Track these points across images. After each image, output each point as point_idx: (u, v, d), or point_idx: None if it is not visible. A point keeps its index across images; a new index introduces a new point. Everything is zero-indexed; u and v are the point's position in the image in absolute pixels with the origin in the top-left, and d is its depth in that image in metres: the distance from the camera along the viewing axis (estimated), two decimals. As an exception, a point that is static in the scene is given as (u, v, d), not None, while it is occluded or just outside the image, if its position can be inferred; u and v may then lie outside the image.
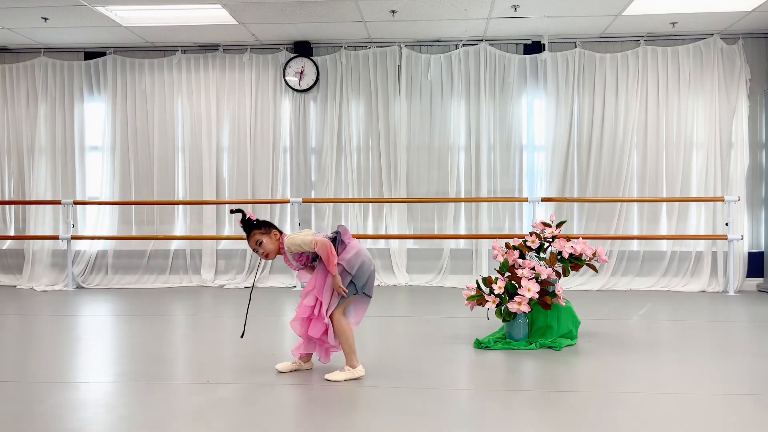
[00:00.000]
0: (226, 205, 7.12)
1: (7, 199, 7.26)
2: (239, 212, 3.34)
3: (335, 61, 6.98)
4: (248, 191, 7.07)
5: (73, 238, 6.85)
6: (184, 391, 3.10)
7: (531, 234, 4.17)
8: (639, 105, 6.75)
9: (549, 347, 3.92)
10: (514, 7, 5.90)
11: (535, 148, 6.95)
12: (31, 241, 7.11)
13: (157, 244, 7.13)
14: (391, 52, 6.95)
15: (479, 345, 3.96)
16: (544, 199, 6.59)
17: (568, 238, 4.21)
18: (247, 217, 3.32)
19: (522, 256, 4.10)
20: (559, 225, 4.22)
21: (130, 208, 7.21)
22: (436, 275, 6.94)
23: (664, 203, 6.74)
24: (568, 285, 6.42)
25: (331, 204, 6.98)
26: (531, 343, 3.94)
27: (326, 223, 7.01)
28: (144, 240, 7.05)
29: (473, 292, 4.06)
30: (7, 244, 7.30)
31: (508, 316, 3.96)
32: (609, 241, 6.71)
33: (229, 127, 7.13)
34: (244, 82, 7.08)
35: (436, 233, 6.98)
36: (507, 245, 4.18)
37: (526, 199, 6.63)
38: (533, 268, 3.94)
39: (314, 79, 6.92)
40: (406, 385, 3.16)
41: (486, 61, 6.85)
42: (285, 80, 6.98)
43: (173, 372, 3.52)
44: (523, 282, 3.88)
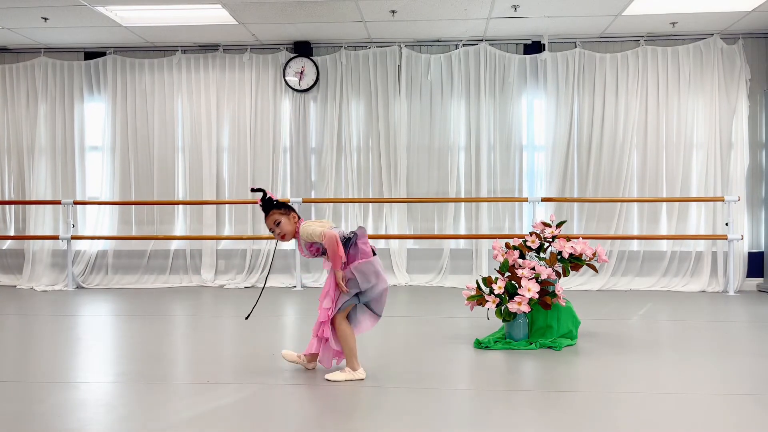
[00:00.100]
0: (226, 205, 7.13)
1: (7, 199, 7.26)
2: (260, 191, 3.31)
3: (335, 61, 6.98)
4: (248, 191, 7.06)
5: (73, 238, 6.85)
6: (183, 391, 3.10)
7: (531, 234, 4.17)
8: (639, 105, 6.75)
9: (549, 347, 3.92)
10: (514, 7, 5.90)
11: (535, 148, 6.95)
12: (31, 241, 7.11)
13: (157, 244, 7.13)
14: (391, 52, 6.95)
15: (479, 345, 3.96)
16: (544, 199, 6.59)
17: (568, 238, 4.21)
18: (268, 197, 3.30)
19: (522, 256, 4.10)
20: (559, 225, 4.22)
21: (130, 208, 7.21)
22: (436, 275, 6.94)
23: (664, 203, 6.74)
24: (568, 285, 6.42)
25: (331, 204, 6.98)
26: (531, 343, 3.94)
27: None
28: (144, 240, 7.05)
29: (473, 292, 4.06)
30: (7, 244, 7.30)
31: (508, 316, 3.96)
32: (609, 241, 6.71)
33: (229, 127, 7.13)
34: (244, 82, 7.08)
35: (436, 233, 6.98)
36: (507, 245, 4.18)
37: (526, 199, 6.63)
38: (533, 268, 3.94)
39: (314, 79, 6.92)
40: (406, 385, 3.16)
41: (486, 61, 6.85)
42: (285, 80, 6.98)
43: (173, 372, 3.52)
44: (523, 282, 3.88)
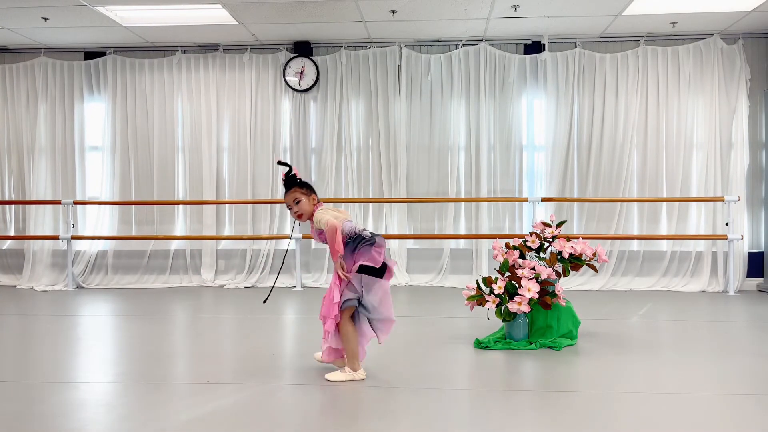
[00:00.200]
0: (226, 205, 7.13)
1: (7, 199, 7.26)
2: (286, 165, 3.28)
3: (335, 61, 6.98)
4: (248, 191, 7.07)
5: (73, 238, 6.85)
6: (183, 391, 3.10)
7: (531, 234, 4.17)
8: (639, 105, 6.75)
9: (549, 347, 3.92)
10: (514, 7, 5.90)
11: (535, 148, 6.95)
12: (31, 241, 7.11)
13: (157, 244, 7.13)
14: (391, 52, 6.95)
15: (479, 345, 3.96)
16: (544, 199, 6.59)
17: (568, 238, 4.21)
18: (293, 173, 3.27)
19: (522, 256, 4.10)
20: (559, 225, 4.22)
21: (130, 208, 7.21)
22: (436, 275, 6.94)
23: (664, 203, 6.74)
24: (568, 285, 6.42)
25: (331, 204, 6.94)
26: (531, 343, 3.94)
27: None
28: (144, 240, 7.05)
29: (473, 292, 4.06)
30: (7, 244, 7.30)
31: (508, 316, 3.96)
32: (609, 241, 6.71)
33: (229, 127, 7.13)
34: (244, 82, 7.08)
35: (436, 233, 6.98)
36: (507, 245, 4.18)
37: (526, 199, 6.64)
38: (533, 268, 3.94)
39: (314, 79, 6.92)
40: (406, 385, 3.16)
41: (486, 61, 6.85)
42: (285, 80, 6.98)
43: (173, 372, 3.52)
44: (523, 282, 3.88)
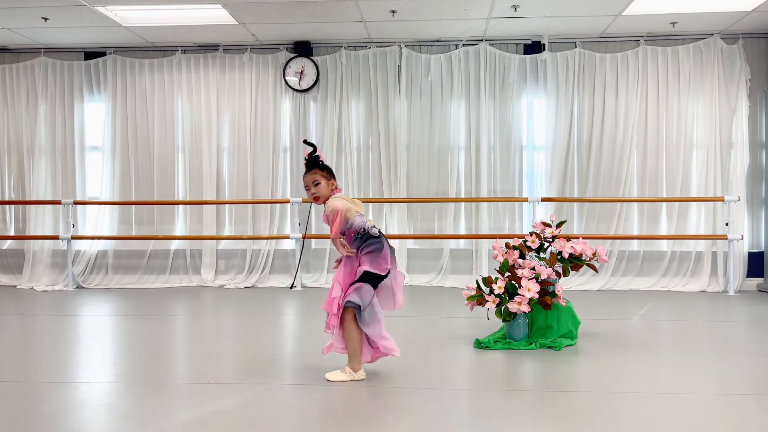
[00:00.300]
0: (226, 206, 7.13)
1: (7, 199, 7.26)
2: (311, 145, 3.27)
3: (335, 61, 6.99)
4: (248, 191, 7.07)
5: (73, 238, 6.85)
6: (183, 391, 3.10)
7: (531, 234, 4.17)
8: (639, 105, 6.75)
9: (549, 347, 3.92)
10: (514, 7, 5.90)
11: (535, 148, 6.95)
12: (31, 241, 7.11)
13: (157, 244, 7.13)
14: (391, 52, 6.95)
15: (479, 345, 3.96)
16: (544, 199, 6.59)
17: (568, 238, 4.21)
18: (316, 154, 3.27)
19: (522, 256, 4.10)
20: (559, 225, 4.22)
21: (130, 208, 7.21)
22: (436, 275, 6.94)
23: (664, 203, 6.74)
24: (568, 285, 6.42)
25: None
26: (531, 343, 3.94)
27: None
28: (144, 240, 7.05)
29: (473, 292, 4.06)
30: (7, 244, 7.30)
31: (508, 316, 3.96)
32: (609, 241, 6.71)
33: (229, 127, 7.13)
34: (244, 82, 7.08)
35: (436, 233, 6.98)
36: (507, 245, 4.18)
37: (526, 199, 6.64)
38: (533, 268, 3.94)
39: (314, 79, 6.92)
40: (406, 385, 3.16)
41: (486, 61, 6.85)
42: (285, 80, 6.98)
43: (173, 372, 3.52)
44: (523, 282, 3.88)
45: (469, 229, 6.97)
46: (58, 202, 6.96)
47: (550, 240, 4.16)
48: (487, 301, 3.96)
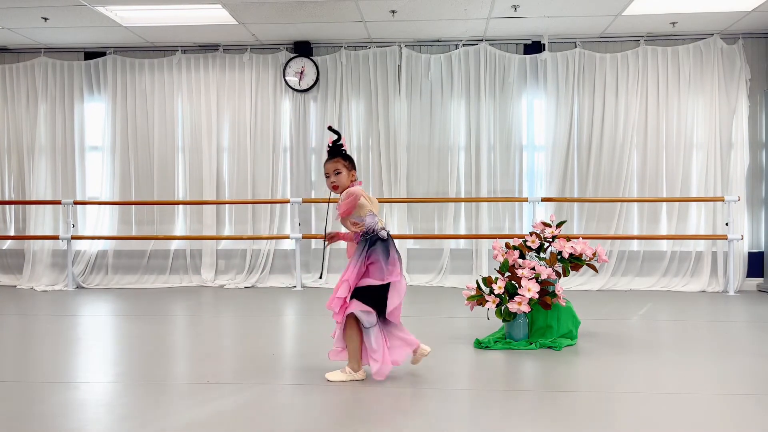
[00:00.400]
0: (226, 205, 7.14)
1: (7, 199, 7.26)
2: (336, 133, 3.23)
3: (335, 61, 6.98)
4: (248, 191, 7.07)
5: (73, 238, 6.85)
6: (184, 391, 3.10)
7: (531, 234, 4.17)
8: (639, 105, 6.75)
9: (549, 347, 3.92)
10: (514, 7, 5.90)
11: (535, 148, 6.95)
12: (31, 241, 7.11)
13: (157, 244, 7.13)
14: (391, 52, 6.95)
15: (479, 345, 3.96)
16: (544, 199, 6.59)
17: (568, 238, 4.21)
18: (340, 142, 3.23)
19: (522, 256, 4.10)
20: (559, 225, 4.22)
21: (130, 208, 7.21)
22: (436, 275, 6.94)
23: (664, 203, 6.74)
24: (568, 285, 6.42)
25: (331, 204, 6.95)
26: (531, 343, 3.94)
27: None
28: (144, 240, 7.05)
29: (473, 292, 4.06)
30: (7, 244, 7.30)
31: (508, 316, 3.96)
32: (609, 241, 6.71)
33: (229, 127, 7.13)
34: (244, 82, 7.08)
35: (436, 233, 6.97)
36: (507, 245, 4.18)
37: (526, 199, 6.64)
38: (533, 268, 3.94)
39: (314, 79, 6.92)
40: (406, 385, 3.16)
41: (486, 61, 6.85)
42: (285, 80, 6.98)
43: (173, 372, 3.52)
44: (523, 282, 3.88)
45: (469, 229, 6.97)
46: (58, 202, 6.96)
47: (550, 240, 4.16)
48: (487, 301, 3.96)
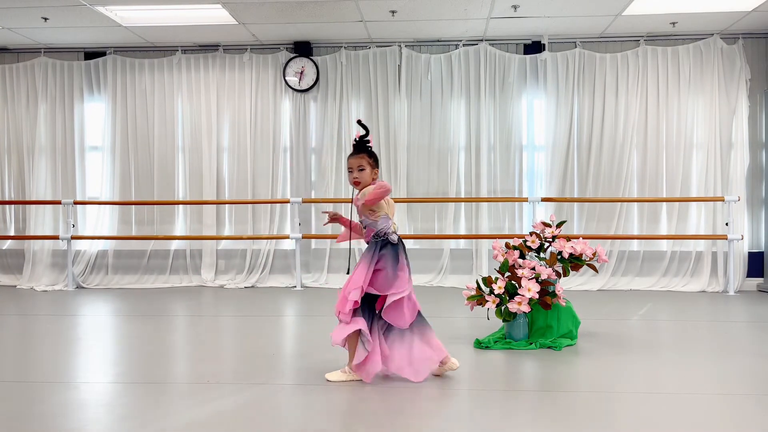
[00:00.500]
0: (226, 205, 7.14)
1: (7, 199, 7.26)
2: (365, 128, 3.20)
3: (335, 61, 6.98)
4: (248, 191, 7.07)
5: (73, 238, 6.85)
6: (184, 391, 3.10)
7: (531, 234, 4.17)
8: (639, 105, 6.75)
9: (549, 347, 3.92)
10: (514, 7, 5.90)
11: (535, 148, 6.95)
12: (31, 241, 7.11)
13: (157, 244, 7.13)
14: (391, 52, 6.95)
15: (479, 345, 3.96)
16: (544, 199, 6.59)
17: (568, 238, 4.21)
18: (367, 138, 3.20)
19: (522, 256, 4.10)
20: (559, 225, 4.22)
21: (130, 208, 7.21)
22: (436, 275, 6.94)
23: (664, 203, 6.74)
24: (568, 285, 6.42)
25: (331, 204, 6.97)
26: (531, 343, 3.94)
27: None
28: (144, 240, 7.05)
29: (473, 292, 4.06)
30: (7, 244, 7.30)
31: (508, 316, 3.96)
32: (609, 241, 6.71)
33: (229, 127, 7.13)
34: (244, 82, 7.08)
35: (436, 233, 6.97)
36: (507, 245, 4.18)
37: (526, 199, 6.64)
38: (533, 268, 3.94)
39: (314, 79, 6.92)
40: (406, 385, 3.16)
41: (486, 61, 6.85)
42: (285, 80, 6.98)
43: (173, 372, 3.52)
44: (523, 282, 3.88)
45: (469, 229, 6.97)
46: (58, 202, 6.96)
47: (550, 240, 4.16)
48: (487, 301, 3.96)
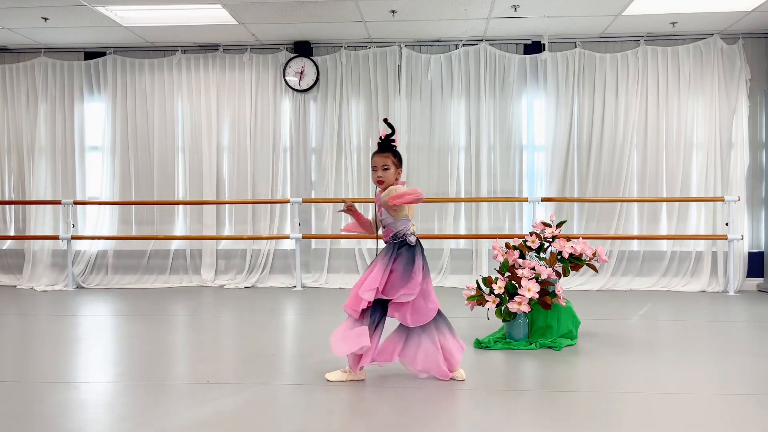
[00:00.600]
0: (226, 205, 7.14)
1: (7, 199, 7.26)
2: (391, 127, 3.15)
3: (335, 61, 6.98)
4: (248, 191, 7.07)
5: (73, 238, 6.85)
6: (184, 391, 3.10)
7: (531, 234, 4.17)
8: (639, 105, 6.75)
9: (549, 347, 3.92)
10: (514, 7, 5.90)
11: (535, 148, 6.95)
12: (31, 241, 7.11)
13: (157, 244, 7.13)
14: (391, 52, 6.95)
15: (479, 345, 3.96)
16: (544, 199, 6.59)
17: (568, 238, 4.21)
18: (393, 138, 3.16)
19: (522, 256, 4.10)
20: (559, 225, 4.22)
21: (130, 208, 7.21)
22: (436, 275, 6.93)
23: (664, 203, 6.74)
24: (568, 285, 6.42)
25: (331, 204, 6.98)
26: (531, 343, 3.94)
27: (326, 223, 7.02)
28: (144, 240, 7.05)
29: (473, 292, 4.06)
30: (7, 244, 7.30)
31: (508, 316, 3.96)
32: (609, 241, 6.71)
33: (229, 127, 7.13)
34: (244, 82, 7.08)
35: (436, 233, 6.97)
36: (507, 245, 4.18)
37: (526, 199, 6.64)
38: (533, 268, 3.94)
39: (314, 79, 6.92)
40: (406, 385, 3.16)
41: (486, 61, 6.85)
42: (285, 80, 6.98)
43: (173, 372, 3.52)
44: (523, 282, 3.88)
45: (469, 229, 6.97)
46: (58, 202, 6.96)
47: (550, 240, 4.16)
48: (487, 301, 3.96)
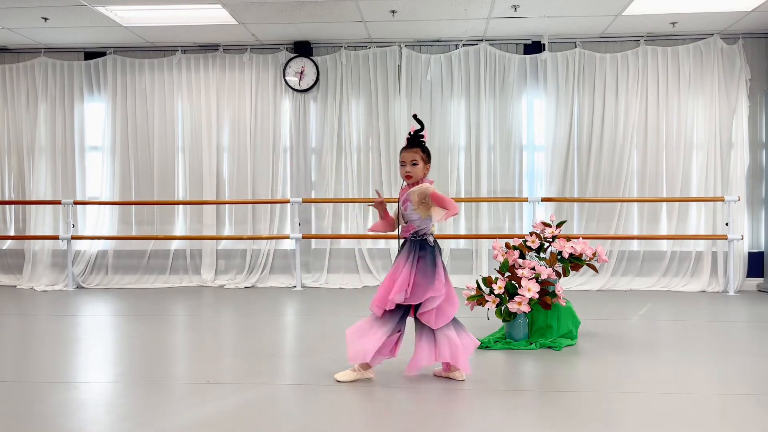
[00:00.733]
0: (226, 205, 7.14)
1: (7, 199, 7.26)
2: (421, 123, 3.16)
3: (335, 61, 6.98)
4: (248, 191, 7.07)
5: (73, 238, 6.85)
6: (184, 391, 3.10)
7: (531, 234, 4.17)
8: (639, 105, 6.75)
9: (549, 347, 3.92)
10: (514, 7, 5.90)
11: (535, 148, 6.95)
12: (32, 241, 7.11)
13: (157, 244, 7.13)
14: (391, 52, 6.95)
15: (479, 345, 3.95)
16: (544, 199, 6.59)
17: (568, 238, 4.21)
18: (422, 133, 3.18)
19: (522, 256, 4.10)
20: (559, 225, 4.22)
21: (130, 208, 7.21)
22: (436, 275, 6.92)
23: (664, 203, 6.74)
24: (568, 285, 6.42)
25: (331, 204, 6.98)
26: (531, 343, 3.94)
27: (326, 223, 7.02)
28: (144, 240, 7.05)
29: (473, 292, 4.06)
30: (7, 244, 7.30)
31: (508, 316, 3.96)
32: (609, 241, 6.71)
33: (229, 127, 7.13)
34: (244, 82, 7.08)
35: (436, 233, 6.95)
36: (507, 245, 4.18)
37: (526, 199, 6.64)
38: (533, 268, 3.94)
39: (314, 79, 6.92)
40: (406, 385, 3.16)
41: (486, 61, 6.85)
42: (285, 80, 6.98)
43: (173, 372, 3.52)
44: (523, 282, 3.88)
45: (469, 229, 6.97)
46: (58, 202, 6.96)
47: (550, 240, 4.16)
48: (487, 301, 3.96)
